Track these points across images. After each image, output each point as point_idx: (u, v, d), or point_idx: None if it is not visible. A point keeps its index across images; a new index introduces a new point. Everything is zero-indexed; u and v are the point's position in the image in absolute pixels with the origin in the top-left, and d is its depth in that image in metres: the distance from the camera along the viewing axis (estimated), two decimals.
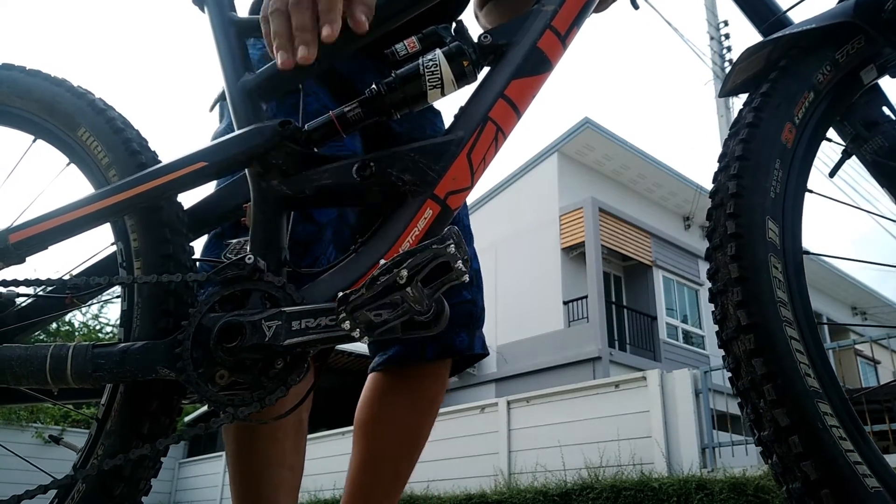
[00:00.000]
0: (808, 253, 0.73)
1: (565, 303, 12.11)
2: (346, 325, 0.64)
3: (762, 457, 0.67)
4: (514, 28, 0.78)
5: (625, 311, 12.75)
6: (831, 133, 0.82)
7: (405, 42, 0.76)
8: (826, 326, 16.69)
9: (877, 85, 0.81)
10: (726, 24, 11.88)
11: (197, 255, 0.85)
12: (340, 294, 0.65)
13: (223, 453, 10.66)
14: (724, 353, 0.70)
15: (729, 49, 11.68)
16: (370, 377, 1.16)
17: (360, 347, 12.17)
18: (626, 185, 14.42)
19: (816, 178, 0.85)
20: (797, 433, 0.61)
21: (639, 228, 12.81)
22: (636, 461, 5.23)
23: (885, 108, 0.80)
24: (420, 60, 0.74)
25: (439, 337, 1.07)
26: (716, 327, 0.71)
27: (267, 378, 0.70)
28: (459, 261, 0.63)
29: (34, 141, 0.92)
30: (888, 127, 0.79)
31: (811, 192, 0.75)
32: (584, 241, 11.93)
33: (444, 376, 1.14)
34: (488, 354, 1.18)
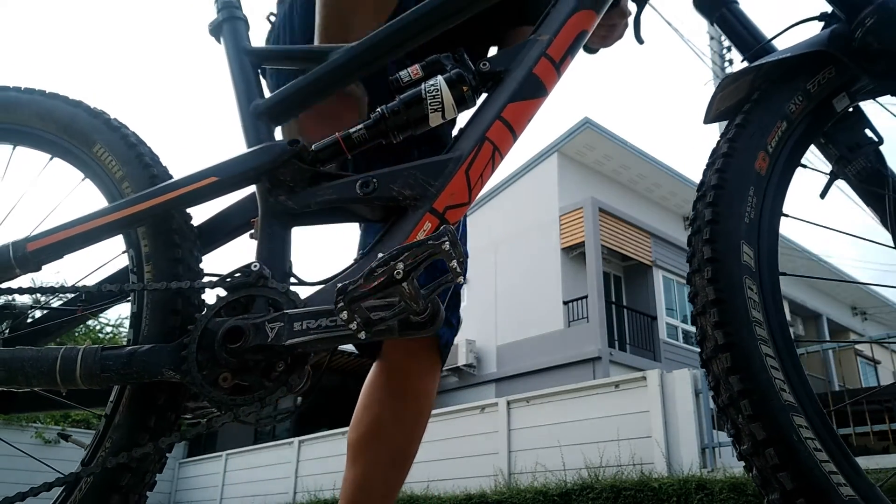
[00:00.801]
0: (784, 274, 0.76)
1: (565, 303, 12.11)
2: (344, 315, 0.66)
3: (745, 470, 0.70)
4: (511, 56, 0.82)
5: (625, 311, 12.75)
6: (821, 153, 0.86)
7: (409, 70, 0.80)
8: (826, 326, 16.71)
9: (859, 108, 0.84)
10: None
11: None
12: (339, 285, 0.67)
13: (223, 453, 10.69)
14: (705, 372, 0.73)
15: (729, 49, 11.67)
16: (363, 391, 1.16)
17: None
18: (626, 185, 14.42)
19: (817, 183, 0.86)
20: (773, 446, 0.64)
21: (639, 228, 12.82)
22: (636, 461, 5.23)
23: (867, 131, 0.83)
24: (422, 86, 0.78)
25: None
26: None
27: (269, 380, 0.72)
28: (454, 260, 0.65)
29: (51, 159, 0.97)
30: (870, 149, 0.82)
31: (787, 216, 0.79)
32: (584, 241, 11.93)
33: (428, 376, 1.14)
34: (446, 343, 1.11)
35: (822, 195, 0.88)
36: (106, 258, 0.95)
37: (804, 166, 0.83)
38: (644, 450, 5.28)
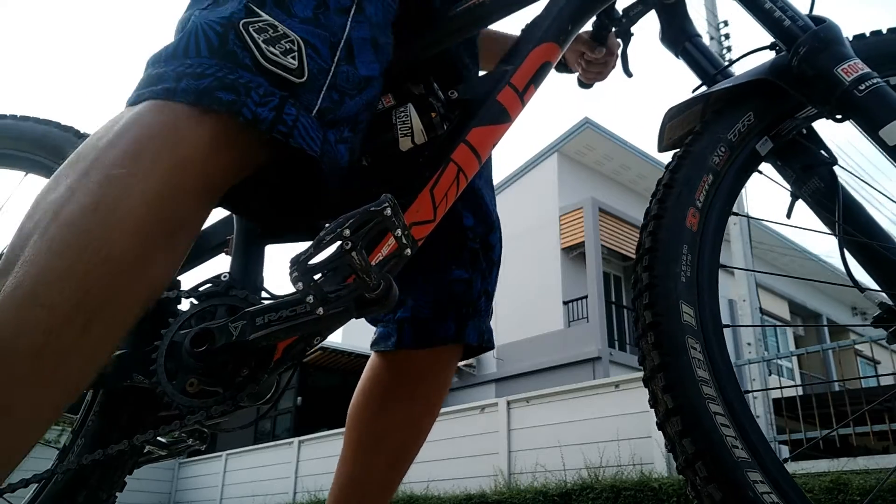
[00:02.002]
0: (728, 326, 0.77)
1: (565, 303, 12.11)
2: (299, 286, 0.66)
3: None
4: (478, 85, 0.87)
5: (625, 311, 12.75)
6: (779, 175, 0.89)
7: (382, 98, 0.84)
8: (826, 325, 16.71)
9: (812, 130, 0.87)
10: (726, 24, 11.87)
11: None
12: (293, 256, 0.67)
13: (223, 453, 10.70)
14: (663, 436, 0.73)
15: (729, 49, 11.67)
16: (365, 377, 1.12)
17: (361, 347, 12.16)
18: (626, 185, 14.42)
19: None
20: None
21: (639, 228, 12.80)
22: (636, 461, 5.23)
23: (822, 152, 0.86)
24: (394, 113, 0.82)
25: (422, 323, 1.04)
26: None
27: (236, 378, 0.74)
28: (398, 229, 0.66)
29: (25, 175, 1.05)
30: (823, 169, 0.85)
31: (724, 266, 0.81)
32: (584, 241, 11.94)
33: (443, 376, 1.10)
34: (492, 348, 1.11)
35: (788, 215, 0.90)
36: None
37: (736, 213, 0.86)
38: (644, 450, 5.28)
